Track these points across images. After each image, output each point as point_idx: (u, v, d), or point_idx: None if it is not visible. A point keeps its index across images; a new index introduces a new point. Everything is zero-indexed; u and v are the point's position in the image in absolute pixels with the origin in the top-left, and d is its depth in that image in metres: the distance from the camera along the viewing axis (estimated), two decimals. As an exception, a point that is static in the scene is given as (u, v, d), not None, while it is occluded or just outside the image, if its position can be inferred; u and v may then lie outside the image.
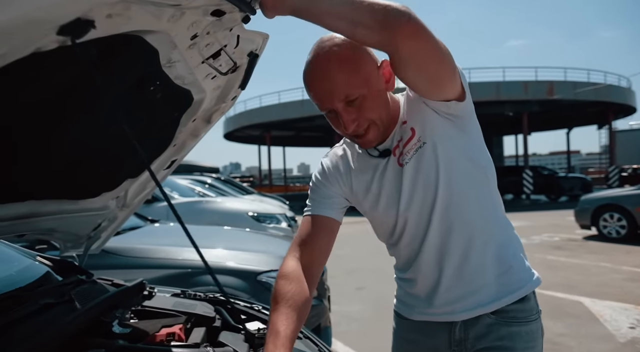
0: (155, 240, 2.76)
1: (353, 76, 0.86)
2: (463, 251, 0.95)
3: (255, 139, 25.03)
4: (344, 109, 0.89)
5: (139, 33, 0.77)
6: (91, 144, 1.01)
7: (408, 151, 0.94)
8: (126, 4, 0.58)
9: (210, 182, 6.82)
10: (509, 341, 0.94)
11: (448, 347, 1.00)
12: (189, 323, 1.25)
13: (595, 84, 18.56)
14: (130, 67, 0.85)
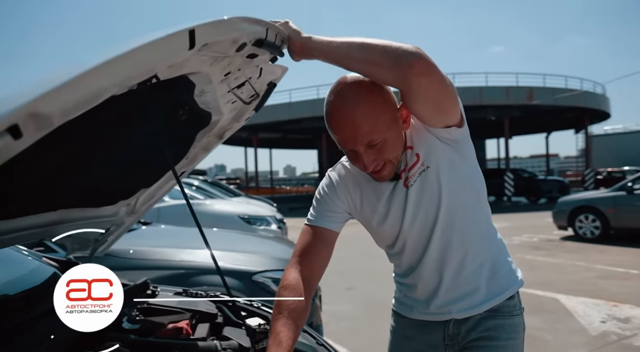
0: (149, 242, 2.82)
1: (377, 123, 0.91)
2: (460, 262, 1.05)
3: (242, 140, 24.97)
4: (365, 152, 0.94)
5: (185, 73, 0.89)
6: (120, 159, 1.11)
7: (413, 175, 1.01)
8: (186, 58, 0.69)
9: (197, 185, 6.82)
10: (494, 332, 1.05)
11: (442, 341, 1.10)
12: (193, 320, 1.33)
13: (572, 90, 19.12)
14: (171, 98, 0.95)
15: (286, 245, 3.32)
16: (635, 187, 6.91)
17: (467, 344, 1.08)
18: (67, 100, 0.51)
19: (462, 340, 1.08)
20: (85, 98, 0.54)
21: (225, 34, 0.76)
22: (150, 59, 0.61)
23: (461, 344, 1.08)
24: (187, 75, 0.90)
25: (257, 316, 1.39)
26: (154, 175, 1.39)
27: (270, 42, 0.90)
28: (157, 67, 0.67)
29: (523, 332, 1.11)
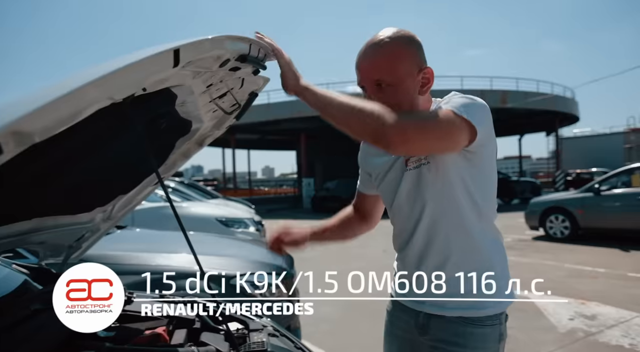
0: (125, 246, 2.77)
1: (389, 67, 0.97)
2: (439, 265, 1.06)
3: (219, 141, 24.73)
4: (372, 90, 1.00)
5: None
6: (98, 167, 1.10)
7: (412, 161, 1.05)
8: (170, 74, 0.70)
9: (174, 186, 6.72)
10: (462, 339, 1.04)
11: (414, 328, 1.12)
12: (170, 325, 1.33)
13: (544, 94, 19.74)
14: (152, 109, 0.96)
15: (264, 248, 3.32)
16: (602, 189, 7.20)
17: (435, 342, 1.08)
18: (51, 119, 0.52)
19: (432, 334, 1.08)
20: (68, 115, 0.55)
21: (209, 52, 0.78)
22: (134, 77, 0.63)
23: (431, 337, 1.09)
24: (170, 87, 0.91)
25: (235, 321, 1.40)
26: (132, 181, 1.38)
27: (254, 57, 0.92)
28: (141, 83, 0.68)
29: (498, 343, 1.07)
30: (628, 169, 7.41)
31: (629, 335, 3.18)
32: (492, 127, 1.01)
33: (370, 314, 3.53)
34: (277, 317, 2.54)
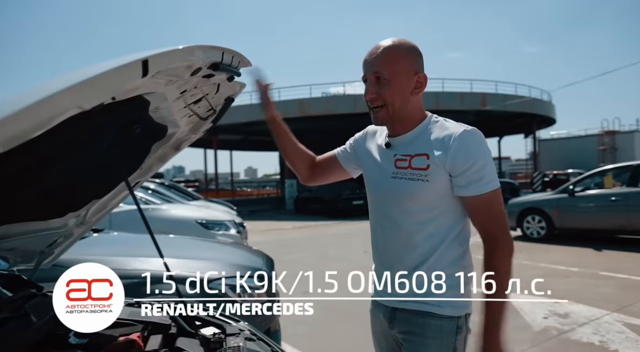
0: (100, 250, 2.72)
1: (389, 64, 1.11)
2: (403, 265, 1.17)
3: (201, 142, 24.47)
4: (372, 82, 1.14)
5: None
6: (70, 173, 1.09)
7: (408, 172, 1.14)
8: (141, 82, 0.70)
9: (153, 188, 6.62)
10: (420, 328, 1.14)
11: (385, 321, 1.23)
12: (145, 331, 1.31)
13: (522, 97, 20.17)
14: (125, 115, 0.95)
15: (245, 251, 3.30)
16: (576, 190, 7.40)
17: (400, 333, 1.19)
18: (17, 129, 0.52)
19: (397, 325, 1.19)
20: (35, 125, 0.55)
21: (180, 62, 0.78)
22: (102, 87, 0.63)
23: (397, 330, 1.19)
24: (142, 94, 0.91)
25: (212, 325, 1.39)
26: (106, 186, 1.37)
27: (227, 65, 0.93)
28: (110, 93, 0.68)
29: (455, 335, 1.14)
30: (601, 171, 7.64)
31: (599, 332, 3.28)
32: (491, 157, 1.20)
33: (348, 315, 3.56)
34: (257, 319, 2.55)
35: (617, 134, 28.06)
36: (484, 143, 1.12)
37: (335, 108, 18.74)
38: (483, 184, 1.09)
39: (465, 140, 1.09)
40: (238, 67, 1.04)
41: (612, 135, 27.88)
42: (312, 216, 14.25)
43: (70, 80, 0.59)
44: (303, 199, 16.60)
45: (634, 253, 6.21)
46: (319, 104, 19.10)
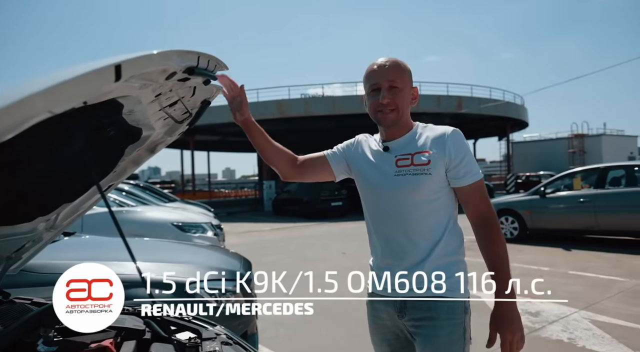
0: (72, 254, 2.65)
1: (400, 75, 1.31)
2: (414, 258, 1.28)
3: (178, 143, 24.08)
4: (387, 90, 1.30)
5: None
6: (39, 176, 1.06)
7: (412, 168, 1.29)
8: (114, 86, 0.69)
9: (127, 189, 6.48)
10: (434, 312, 1.25)
11: (394, 313, 1.32)
12: (118, 337, 1.29)
13: (496, 101, 20.68)
14: (97, 118, 0.93)
15: (222, 253, 3.27)
16: (547, 192, 7.64)
17: (413, 321, 1.29)
18: None
19: (408, 313, 1.29)
20: (3, 130, 0.54)
21: (154, 66, 0.77)
22: (73, 92, 0.62)
23: (409, 318, 1.29)
24: (116, 98, 0.89)
25: (187, 330, 1.38)
26: (77, 189, 1.33)
27: (202, 69, 0.92)
28: (81, 97, 0.67)
29: (464, 314, 1.28)
30: (570, 173, 7.90)
31: (568, 330, 3.40)
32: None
33: (329, 317, 3.57)
34: (234, 322, 2.53)
35: (586, 138, 29.11)
36: (465, 140, 1.33)
37: (314, 109, 18.77)
38: (474, 173, 1.29)
39: (456, 137, 1.30)
40: (214, 71, 1.04)
41: (580, 139, 28.90)
42: (290, 218, 14.22)
43: (40, 85, 0.58)
44: (281, 201, 16.54)
45: (601, 252, 6.45)
46: (298, 106, 19.09)
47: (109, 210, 1.01)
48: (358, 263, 5.44)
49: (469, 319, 1.30)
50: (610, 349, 3.02)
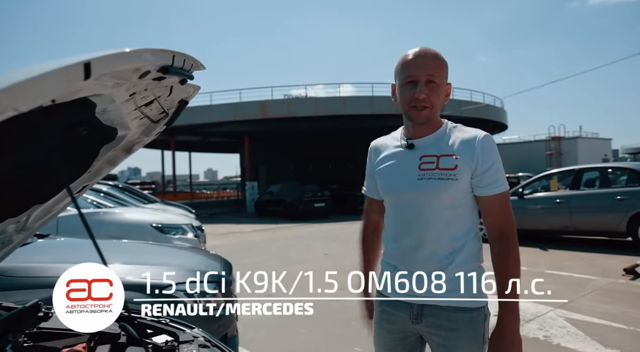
0: (45, 257, 2.58)
1: (439, 70, 1.23)
2: (434, 265, 1.23)
3: (158, 143, 23.73)
4: (424, 84, 1.21)
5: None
6: (8, 177, 1.02)
7: (437, 173, 1.22)
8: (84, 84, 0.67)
9: (106, 190, 6.34)
10: (454, 323, 1.21)
11: (409, 318, 1.27)
12: (92, 341, 1.26)
13: (476, 103, 21.03)
14: (68, 117, 0.91)
15: (202, 255, 3.24)
16: (525, 193, 7.79)
17: (428, 326, 1.25)
18: None
19: (425, 321, 1.25)
20: None
21: (126, 65, 0.75)
22: (40, 89, 0.60)
23: (425, 324, 1.25)
24: (87, 97, 0.87)
25: (164, 333, 1.35)
26: (49, 190, 1.30)
27: (178, 68, 0.91)
28: (48, 96, 0.65)
29: (484, 323, 1.25)
30: (547, 175, 8.09)
31: (544, 328, 3.47)
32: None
33: (309, 318, 3.56)
34: (214, 325, 2.50)
35: (563, 140, 29.85)
36: (496, 147, 1.25)
37: (297, 110, 18.74)
38: (500, 184, 1.22)
39: (488, 142, 1.23)
40: (191, 70, 1.02)
41: (557, 141, 29.62)
42: (273, 219, 14.15)
43: (5, 81, 0.57)
44: (264, 202, 16.46)
45: (576, 252, 6.61)
46: (281, 106, 19.03)
47: (77, 210, 0.99)
48: (339, 265, 5.45)
49: (488, 324, 1.27)
50: (583, 346, 3.09)
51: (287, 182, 16.84)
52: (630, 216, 6.43)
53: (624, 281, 4.87)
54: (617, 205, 6.56)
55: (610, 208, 6.63)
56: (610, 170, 7.37)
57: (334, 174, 22.03)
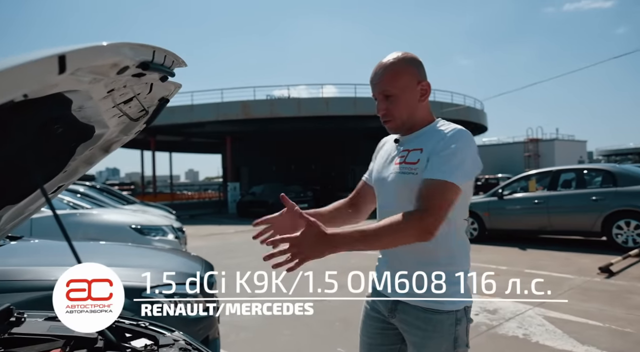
0: (17, 260, 2.49)
1: (392, 81, 1.22)
2: (404, 262, 1.24)
3: (137, 143, 23.30)
4: (381, 100, 1.25)
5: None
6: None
7: (401, 166, 1.24)
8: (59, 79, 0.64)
9: (83, 191, 6.17)
10: (422, 323, 1.22)
11: (385, 311, 1.31)
12: (67, 347, 1.21)
13: (457, 105, 21.35)
14: (42, 114, 0.87)
15: (182, 257, 3.18)
16: (505, 193, 7.94)
17: (400, 322, 1.28)
18: None
19: (398, 316, 1.28)
20: None
21: (103, 59, 0.72)
22: (11, 83, 0.57)
23: (398, 319, 1.28)
24: (63, 92, 0.83)
25: (143, 337, 1.32)
26: (22, 191, 1.25)
27: (158, 64, 0.88)
28: (20, 90, 0.62)
29: (455, 327, 1.21)
30: (526, 176, 8.26)
31: (523, 326, 3.53)
32: (474, 162, 1.20)
33: (292, 318, 3.54)
34: (195, 327, 2.45)
35: (540, 142, 30.57)
36: (467, 142, 1.17)
37: (280, 111, 18.68)
38: (444, 171, 1.12)
39: (457, 134, 1.19)
40: (172, 67, 1.00)
41: (535, 143, 30.31)
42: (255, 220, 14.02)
43: None
44: (246, 203, 16.34)
45: (553, 251, 6.76)
46: (263, 107, 18.94)
47: (52, 211, 0.95)
48: (324, 265, 5.43)
49: (464, 328, 1.23)
50: (561, 343, 3.16)
51: (269, 183, 16.79)
52: (604, 216, 6.61)
53: (599, 280, 5.00)
54: (593, 205, 6.74)
55: (586, 208, 6.81)
56: (586, 172, 7.57)
57: (317, 174, 22.03)
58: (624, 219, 6.46)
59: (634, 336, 3.27)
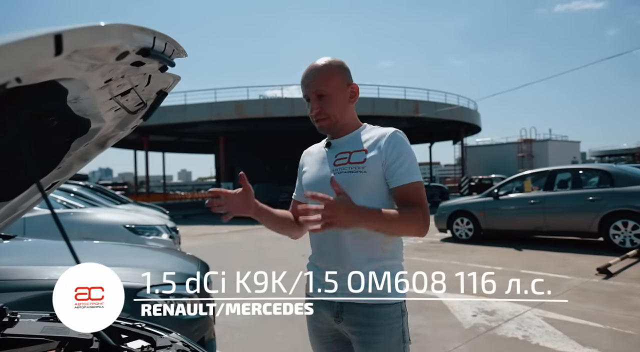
0: (11, 259, 2.43)
1: (325, 82, 1.29)
2: (350, 262, 1.26)
3: (130, 143, 23.12)
4: (314, 99, 1.30)
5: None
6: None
7: (347, 166, 1.28)
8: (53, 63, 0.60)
9: (76, 191, 6.08)
10: (371, 318, 1.25)
11: (330, 317, 1.31)
12: (62, 348, 1.17)
13: (451, 105, 21.43)
14: (36, 104, 0.82)
15: (177, 256, 3.13)
16: (500, 194, 7.95)
17: (348, 325, 1.28)
18: None
19: (345, 318, 1.28)
20: None
21: (102, 42, 0.68)
22: (5, 63, 0.52)
23: (346, 322, 1.28)
24: (58, 80, 0.78)
25: (140, 338, 1.28)
26: (15, 187, 1.20)
27: (158, 52, 0.83)
28: (13, 72, 0.57)
29: (401, 317, 1.28)
30: (521, 176, 8.28)
31: (522, 327, 3.51)
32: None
33: (287, 319, 3.50)
34: (191, 328, 2.41)
35: (534, 142, 30.81)
36: (408, 143, 1.30)
37: (273, 111, 18.63)
38: (411, 173, 1.26)
39: (395, 138, 1.28)
40: (172, 56, 0.95)
41: (529, 144, 30.54)
42: (248, 220, 13.86)
43: None
44: (240, 203, 16.24)
45: (549, 252, 6.77)
46: (256, 107, 18.88)
47: (50, 209, 0.91)
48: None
49: (407, 321, 1.30)
50: (562, 345, 3.14)
51: (263, 183, 16.71)
52: (601, 217, 6.63)
53: (597, 281, 5.01)
54: (589, 206, 6.75)
55: (583, 209, 6.83)
56: (583, 172, 7.59)
57: (311, 175, 21.91)
58: (621, 219, 6.48)
59: (635, 337, 3.25)
